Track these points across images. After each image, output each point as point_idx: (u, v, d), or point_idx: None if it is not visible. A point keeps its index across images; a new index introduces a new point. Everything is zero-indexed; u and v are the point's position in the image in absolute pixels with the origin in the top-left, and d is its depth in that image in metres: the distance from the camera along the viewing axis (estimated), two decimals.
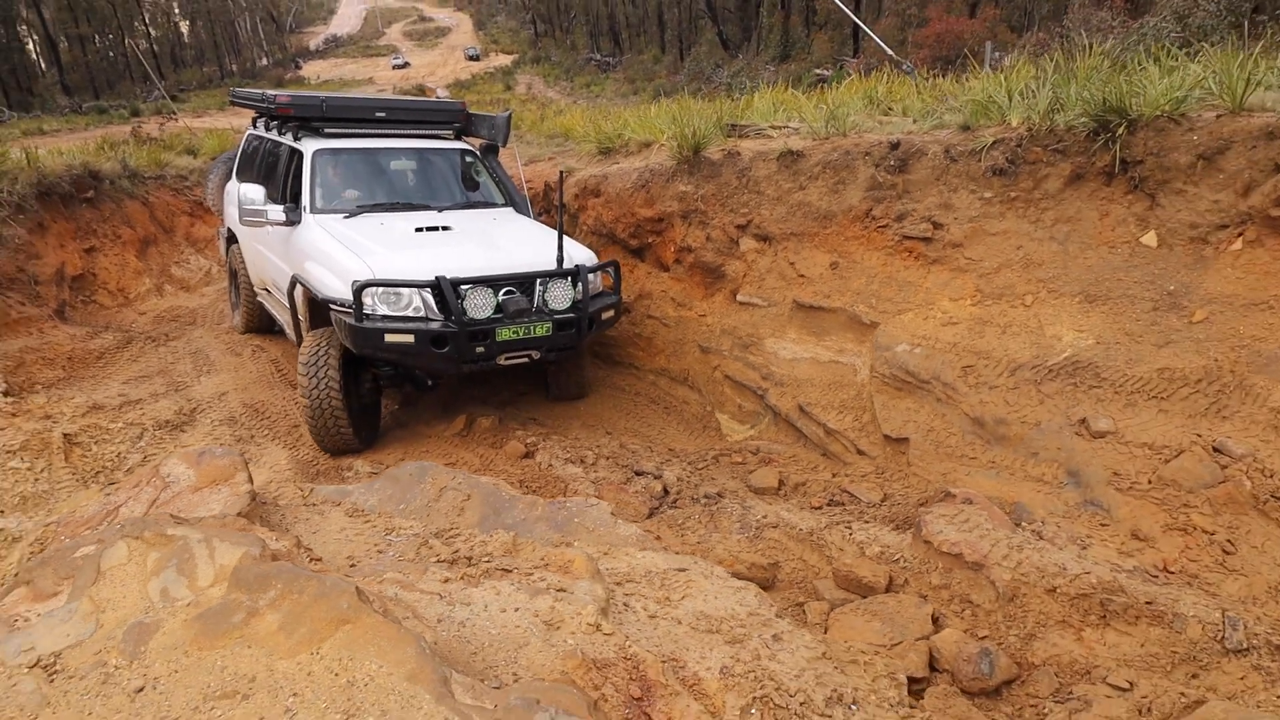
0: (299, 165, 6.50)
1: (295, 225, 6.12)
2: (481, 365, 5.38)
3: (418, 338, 5.07)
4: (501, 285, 5.32)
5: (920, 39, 21.19)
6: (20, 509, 4.70)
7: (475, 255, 5.53)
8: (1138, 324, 4.55)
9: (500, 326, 5.24)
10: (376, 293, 5.08)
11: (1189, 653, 3.01)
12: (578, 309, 5.52)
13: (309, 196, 6.24)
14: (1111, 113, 4.88)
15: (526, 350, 5.46)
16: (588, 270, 5.62)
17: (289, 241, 6.18)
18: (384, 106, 7.13)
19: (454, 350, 5.14)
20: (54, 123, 33.59)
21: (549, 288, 5.47)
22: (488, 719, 1.72)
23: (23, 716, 1.96)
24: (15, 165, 8.61)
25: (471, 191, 6.99)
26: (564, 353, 5.74)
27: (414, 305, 5.14)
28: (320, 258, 5.62)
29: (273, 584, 2.21)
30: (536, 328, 5.36)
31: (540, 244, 5.80)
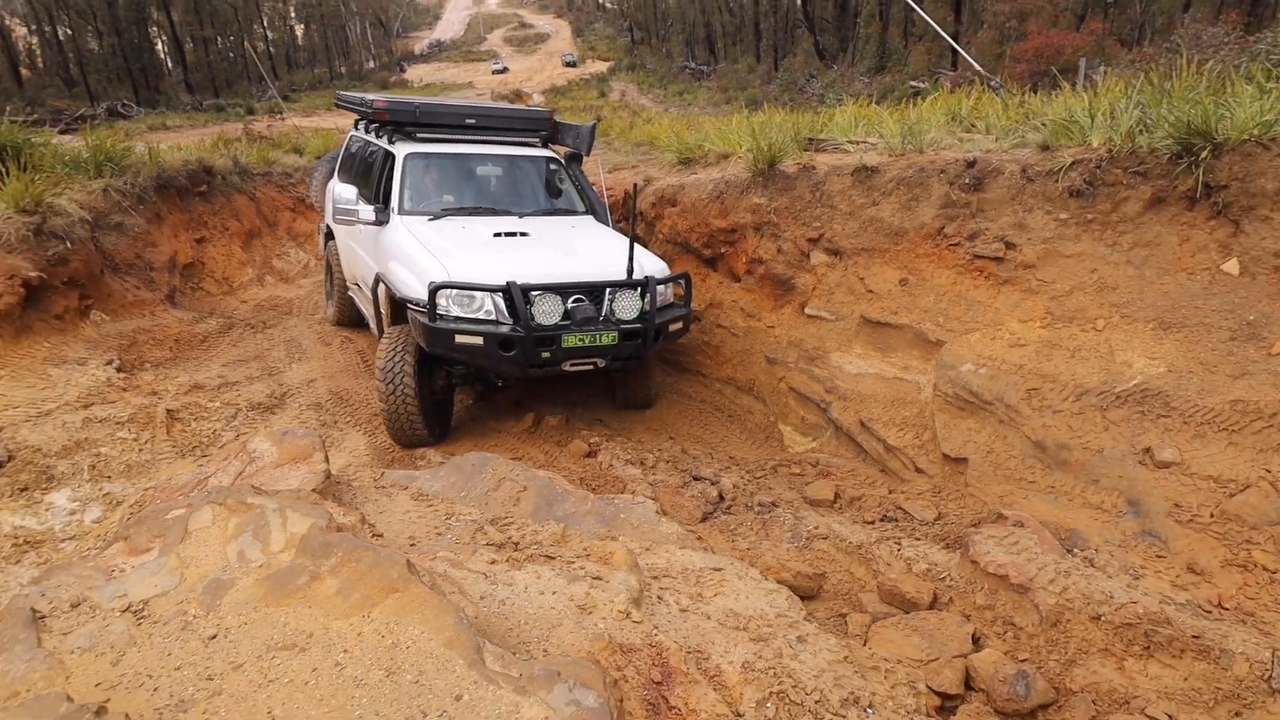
0: (391, 167, 6.76)
1: (384, 225, 6.36)
2: (547, 370, 5.48)
3: (486, 340, 5.22)
4: (570, 293, 5.44)
5: (1018, 53, 20.63)
6: (125, 476, 5.13)
7: (547, 262, 5.66)
8: (1213, 353, 4.44)
9: (567, 333, 5.34)
10: (450, 294, 5.24)
11: (1233, 690, 2.96)
12: (644, 320, 5.59)
13: (398, 198, 6.49)
14: (1196, 135, 4.77)
15: (591, 358, 5.56)
16: (657, 282, 5.68)
17: (377, 241, 6.43)
18: (474, 113, 7.35)
19: (520, 354, 5.27)
20: (176, 119, 35.70)
21: (617, 297, 5.56)
22: (512, 685, 1.88)
23: (113, 653, 2.20)
24: (139, 160, 9.29)
25: (554, 198, 7.13)
26: (629, 362, 5.81)
27: (485, 308, 5.28)
28: (402, 258, 5.82)
29: (334, 552, 2.42)
30: (602, 336, 5.45)
31: (614, 253, 5.88)
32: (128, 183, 8.64)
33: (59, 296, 6.70)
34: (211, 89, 55.60)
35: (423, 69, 73.99)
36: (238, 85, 57.35)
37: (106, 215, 8.15)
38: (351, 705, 1.88)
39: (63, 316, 6.71)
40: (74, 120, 29.34)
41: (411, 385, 5.61)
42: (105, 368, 6.37)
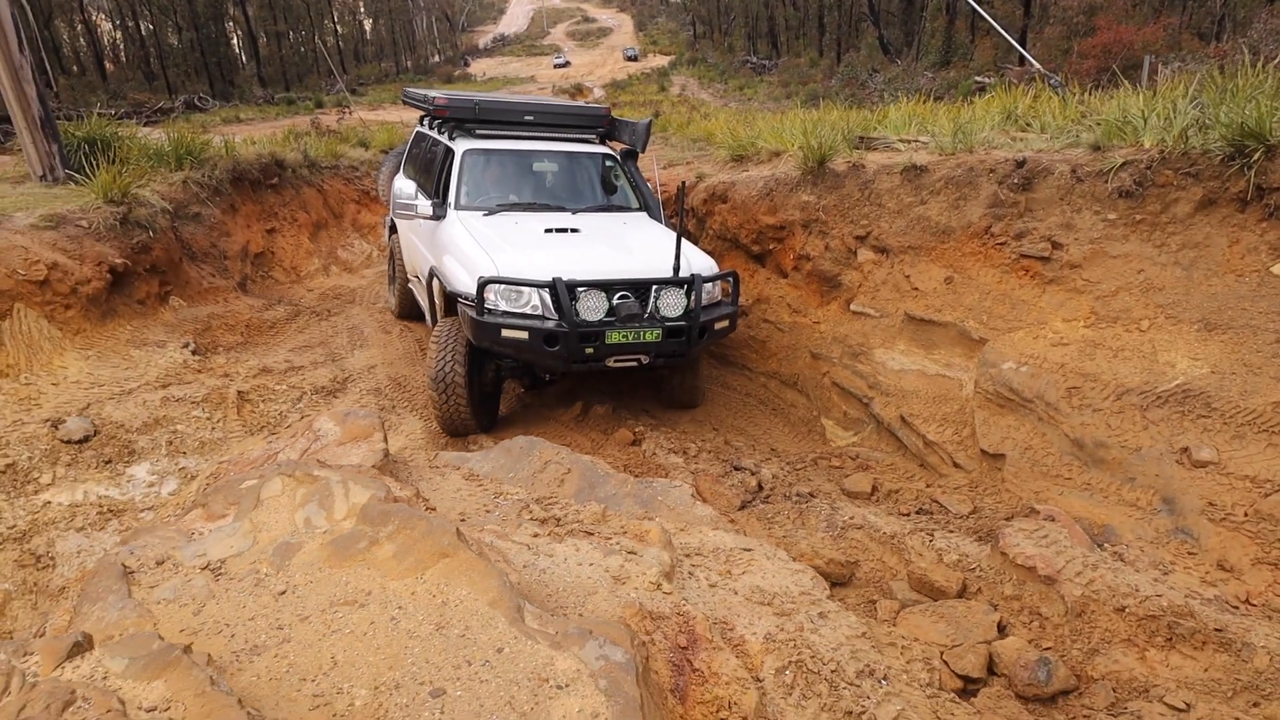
0: (451, 163, 6.93)
1: (440, 220, 6.53)
2: (590, 365, 5.56)
3: (531, 335, 5.32)
4: (616, 289, 5.50)
5: (1085, 49, 20.15)
6: (199, 452, 5.49)
7: (595, 259, 5.74)
8: (1258, 355, 4.43)
9: (611, 330, 5.41)
10: (498, 289, 5.36)
11: (1253, 681, 3.01)
12: (689, 318, 5.61)
13: (455, 193, 6.65)
14: (1249, 137, 4.75)
15: (635, 354, 5.61)
16: (703, 280, 5.71)
17: (434, 235, 6.60)
18: (532, 110, 7.46)
19: (564, 349, 5.35)
20: (249, 112, 36.86)
21: (662, 295, 5.60)
22: (547, 641, 2.08)
23: (194, 604, 2.45)
24: (216, 153, 9.76)
25: (609, 195, 7.22)
26: (673, 359, 5.83)
27: (532, 303, 5.39)
28: (456, 252, 5.97)
29: (391, 520, 2.64)
30: (646, 334, 5.50)
31: (663, 250, 5.89)
32: (205, 175, 9.11)
33: (141, 282, 7.14)
34: (283, 82, 57.19)
35: (486, 63, 74.98)
36: (308, 79, 58.87)
37: (185, 206, 8.61)
38: (405, 654, 2.09)
39: (144, 301, 7.15)
40: (154, 113, 30.57)
41: (461, 376, 5.75)
42: (182, 350, 6.77)
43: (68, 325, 6.32)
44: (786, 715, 2.25)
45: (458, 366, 5.74)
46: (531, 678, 1.98)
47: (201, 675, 1.90)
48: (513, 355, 5.67)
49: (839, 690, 2.33)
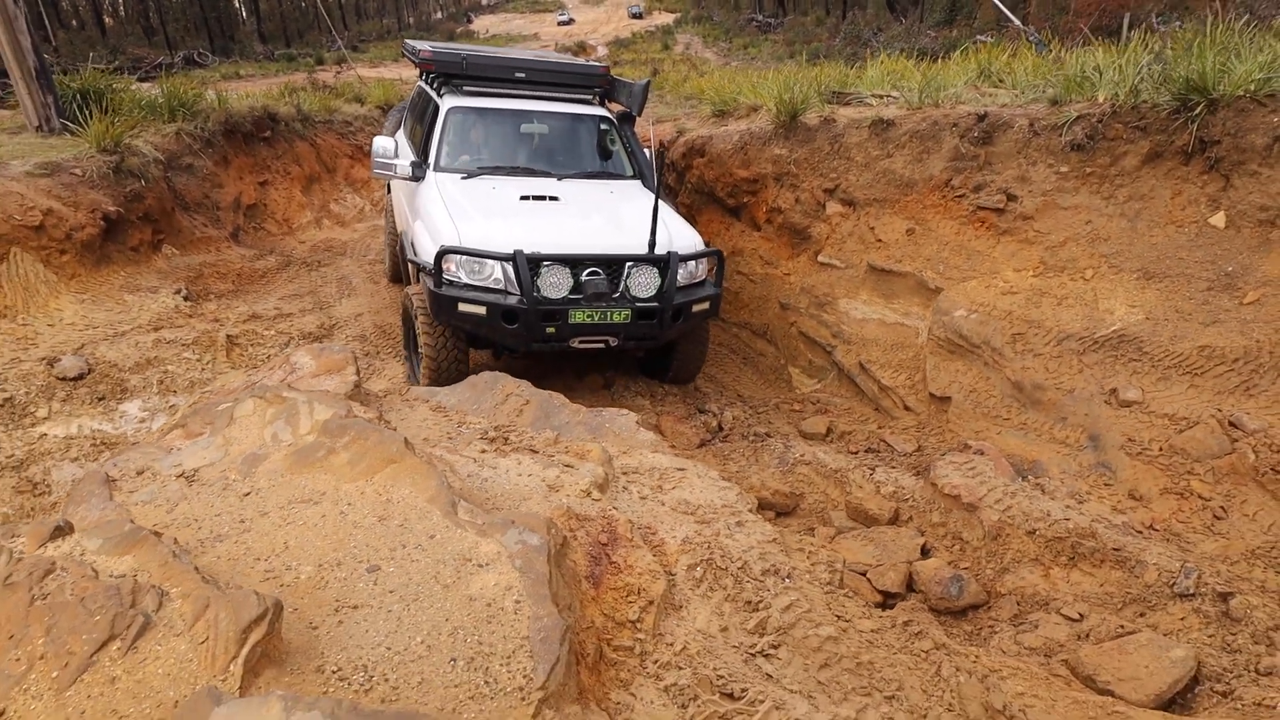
0: (434, 119, 6.58)
1: (420, 181, 6.16)
2: (553, 346, 5.25)
3: (489, 310, 5.01)
4: (585, 266, 5.17)
5: (1081, 6, 20.06)
6: (188, 390, 5.75)
7: (568, 231, 5.40)
8: (1190, 302, 4.66)
9: (575, 308, 5.08)
10: (459, 260, 5.06)
11: (1141, 594, 3.29)
12: (662, 299, 5.23)
13: (435, 153, 6.28)
14: (1193, 91, 4.92)
15: (602, 336, 5.26)
16: (680, 258, 5.28)
17: (412, 197, 6.27)
18: (524, 66, 6.99)
19: (523, 327, 5.04)
20: (249, 68, 36.64)
21: (634, 273, 5.22)
22: (475, 529, 2.35)
23: (168, 504, 2.71)
24: (209, 106, 9.92)
25: (603, 160, 6.75)
26: (644, 342, 5.49)
27: (494, 277, 5.06)
28: (425, 218, 5.67)
29: (348, 432, 2.90)
30: (614, 314, 5.15)
31: (629, 228, 5.49)
32: (198, 127, 9.28)
33: (134, 230, 7.36)
34: (284, 39, 56.68)
35: (489, 20, 74.08)
36: (309, 35, 58.31)
37: (178, 157, 8.79)
38: (348, 540, 2.36)
39: (137, 249, 7.38)
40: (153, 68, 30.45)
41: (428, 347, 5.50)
42: (174, 296, 7.01)
43: (63, 270, 6.56)
44: (692, 602, 2.52)
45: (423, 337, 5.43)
46: (457, 558, 2.24)
47: (165, 550, 2.16)
48: (473, 331, 5.35)
49: (743, 584, 2.60)
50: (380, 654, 1.89)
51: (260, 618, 1.83)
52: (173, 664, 1.76)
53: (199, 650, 1.79)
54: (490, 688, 1.83)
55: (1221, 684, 2.82)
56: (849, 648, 2.38)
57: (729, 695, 2.17)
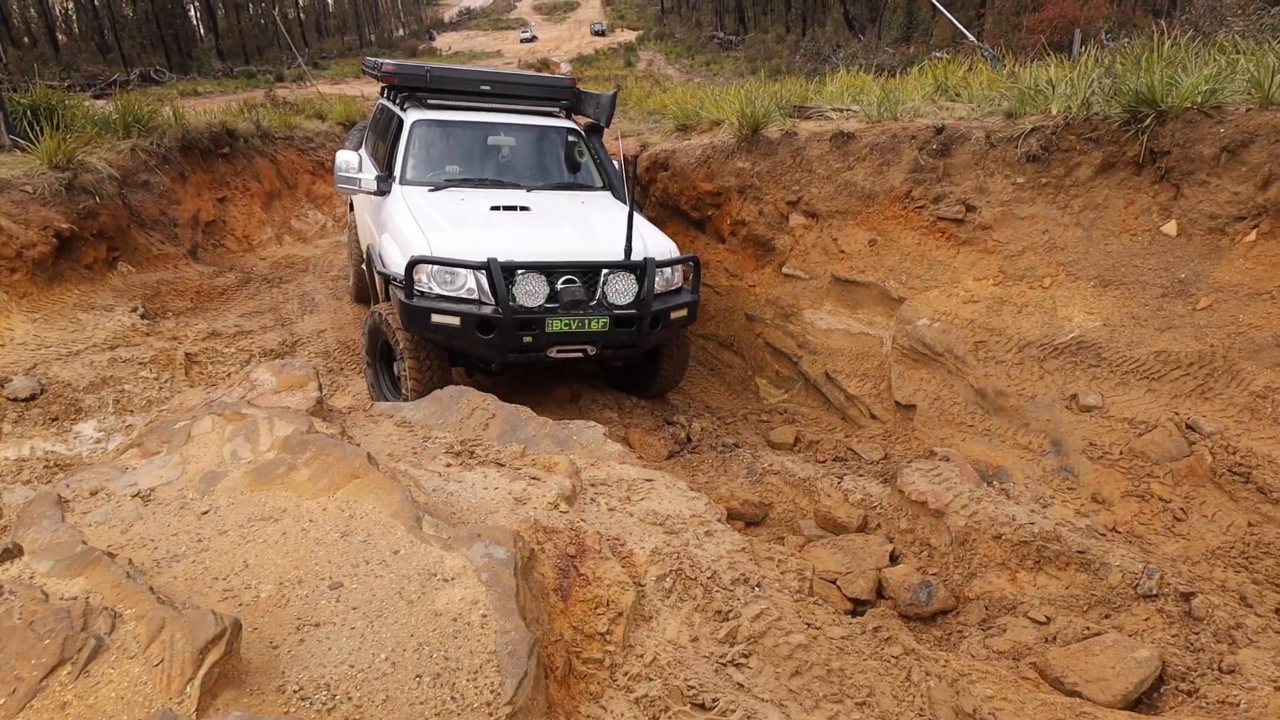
0: (398, 134, 6.49)
1: (385, 195, 6.07)
2: (530, 356, 5.10)
3: (463, 321, 4.89)
4: (561, 273, 5.07)
5: (1034, 23, 20.58)
6: (145, 410, 5.63)
7: (541, 239, 5.32)
8: (1145, 308, 4.75)
9: (552, 317, 4.97)
10: (430, 270, 4.94)
11: (1105, 595, 3.33)
12: (640, 305, 5.13)
13: (400, 166, 6.19)
14: (1143, 104, 5.04)
15: (580, 345, 5.16)
16: (657, 264, 5.22)
17: (378, 211, 6.16)
18: (489, 79, 6.93)
19: (499, 337, 4.92)
20: (207, 85, 36.26)
21: (611, 280, 5.12)
22: (440, 544, 2.31)
23: (122, 525, 2.64)
24: (165, 122, 9.75)
25: (571, 173, 6.71)
26: (622, 350, 5.33)
27: (467, 286, 4.95)
28: (393, 230, 5.56)
29: (309, 448, 2.85)
30: (591, 322, 5.04)
31: (616, 234, 5.40)
32: (154, 143, 9.11)
33: (88, 248, 7.19)
34: (243, 56, 56.17)
35: (452, 37, 74.11)
36: (269, 52, 57.84)
37: (134, 173, 8.63)
38: (310, 557, 2.31)
39: (92, 266, 7.21)
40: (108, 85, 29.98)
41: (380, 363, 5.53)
42: (130, 314, 6.87)
43: (14, 289, 6.39)
44: (661, 613, 2.50)
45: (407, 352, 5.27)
46: (421, 573, 2.20)
47: (119, 571, 2.10)
48: (446, 344, 5.23)
49: (712, 594, 2.59)
50: (343, 672, 1.85)
51: (218, 637, 1.78)
52: (126, 687, 1.71)
53: (154, 672, 1.73)
54: (457, 704, 1.79)
55: (1186, 683, 2.86)
56: (819, 655, 2.37)
57: (700, 706, 2.15)
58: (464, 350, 5.30)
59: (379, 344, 5.74)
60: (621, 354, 5.42)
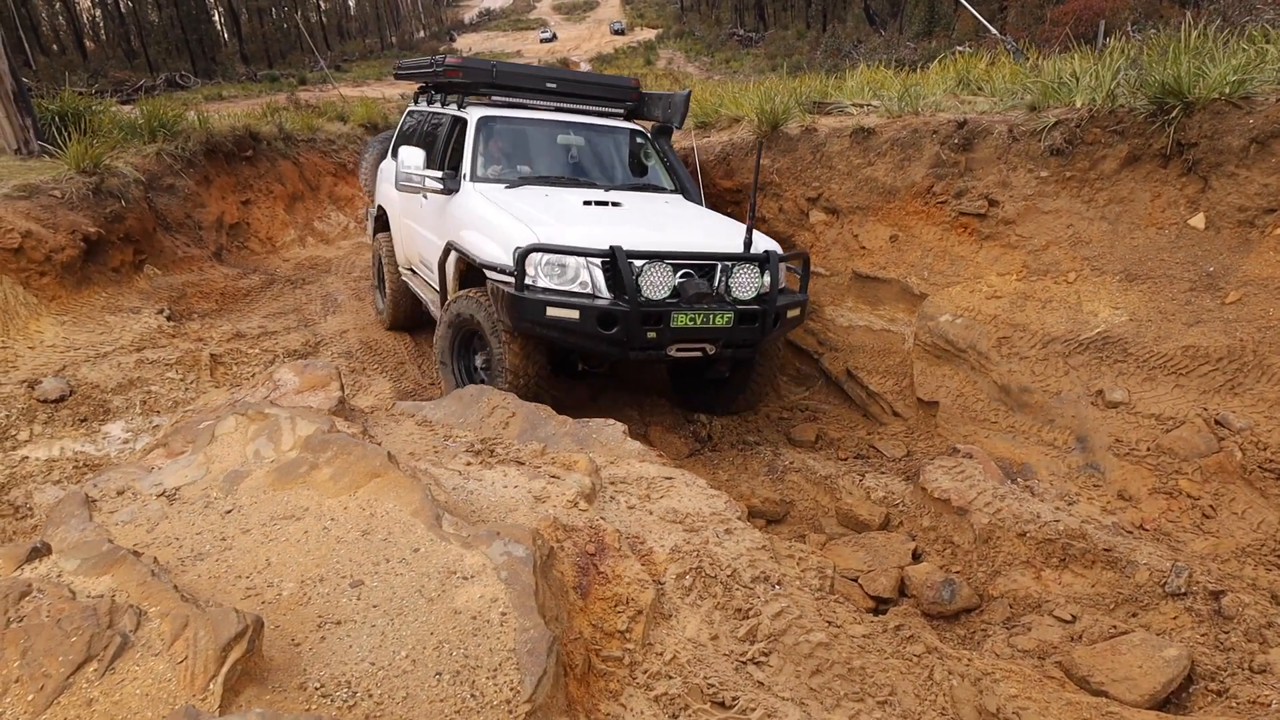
0: (461, 133, 6.19)
1: (453, 194, 5.78)
2: (650, 354, 4.75)
3: (583, 314, 4.52)
4: (680, 266, 4.76)
5: (1058, 15, 20.31)
6: (171, 410, 5.69)
7: (650, 232, 5.02)
8: (1172, 303, 4.68)
9: (677, 311, 4.63)
10: (540, 262, 4.60)
11: (1133, 594, 3.28)
12: (764, 301, 4.86)
13: (469, 164, 5.88)
14: (1169, 95, 4.96)
15: (701, 342, 4.83)
16: (779, 259, 5.01)
17: (444, 211, 5.87)
18: (554, 77, 6.77)
19: (622, 332, 4.56)
20: (232, 89, 36.63)
21: (734, 273, 4.82)
22: (460, 542, 2.31)
23: (149, 524, 2.67)
24: (189, 126, 9.88)
25: (640, 174, 6.47)
26: (742, 349, 5.03)
27: (580, 279, 4.64)
28: (479, 225, 5.25)
29: (331, 447, 2.87)
30: (716, 317, 4.71)
31: (718, 230, 5.31)
32: (179, 147, 9.24)
33: (115, 251, 7.30)
34: (266, 60, 56.69)
35: (472, 38, 74.34)
36: (291, 56, 58.34)
37: (159, 177, 8.75)
38: (331, 555, 2.33)
39: (119, 270, 7.31)
40: (135, 90, 30.41)
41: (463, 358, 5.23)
42: (157, 316, 6.95)
43: (43, 292, 6.49)
44: (681, 611, 2.49)
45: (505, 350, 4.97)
46: (441, 571, 2.21)
47: (144, 569, 2.12)
48: (557, 340, 4.82)
49: (733, 592, 2.58)
50: (364, 669, 1.86)
51: (240, 635, 1.80)
52: (151, 684, 1.73)
53: (178, 670, 1.75)
54: (477, 701, 1.79)
55: (1216, 682, 2.81)
56: (840, 654, 2.35)
57: (720, 704, 2.14)
58: (577, 347, 4.94)
59: (459, 336, 5.43)
60: (740, 354, 5.10)
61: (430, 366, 6.93)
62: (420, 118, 7.40)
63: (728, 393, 5.75)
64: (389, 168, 7.58)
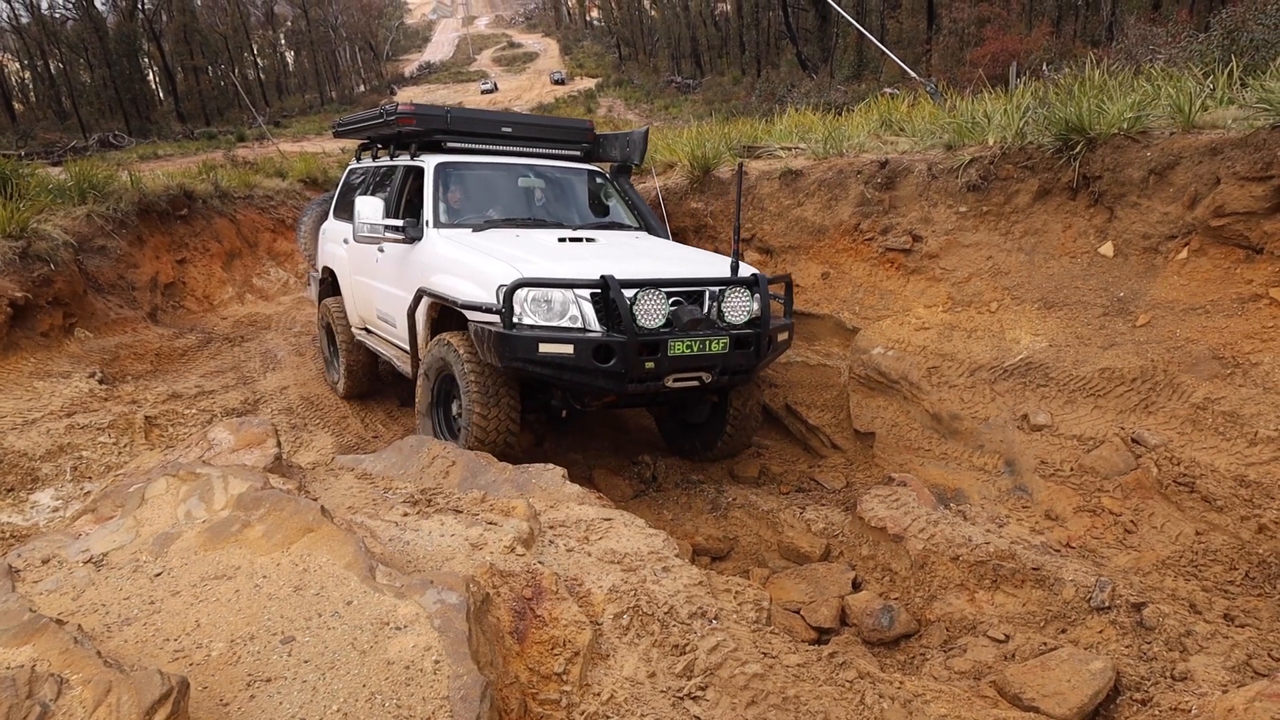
0: (415, 181, 6.09)
1: (415, 242, 5.63)
2: (649, 386, 4.56)
3: (578, 348, 4.35)
4: (670, 294, 4.62)
5: (976, 58, 21.27)
6: (103, 476, 5.56)
7: (633, 263, 4.87)
8: (1088, 328, 4.89)
9: (672, 339, 4.46)
10: (526, 298, 4.44)
11: (1061, 611, 3.39)
12: (756, 325, 4.74)
13: (431, 210, 5.71)
14: (1074, 132, 5.24)
15: (698, 370, 4.64)
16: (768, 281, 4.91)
17: (407, 261, 5.72)
18: (510, 121, 6.68)
19: (620, 364, 4.37)
20: (168, 148, 36.28)
21: (725, 298, 4.70)
22: (393, 592, 2.32)
23: (74, 591, 2.62)
24: (121, 186, 9.76)
25: (603, 214, 6.41)
26: (737, 377, 4.85)
27: (570, 314, 4.48)
28: (452, 268, 5.13)
29: (263, 504, 2.85)
30: (712, 343, 4.55)
31: (695, 259, 5.25)
32: (110, 208, 9.11)
33: (44, 315, 7.14)
34: (203, 117, 56.28)
35: (413, 91, 74.76)
36: (229, 113, 58.01)
37: (90, 239, 8.61)
38: (263, 613, 2.31)
39: (48, 334, 7.15)
40: (66, 152, 29.89)
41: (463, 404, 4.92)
42: (88, 380, 6.80)
43: None
44: (619, 650, 2.52)
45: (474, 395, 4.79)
46: (374, 622, 2.21)
47: (66, 637, 2.09)
48: (550, 379, 4.63)
49: (670, 628, 2.61)
50: None
51: (164, 697, 1.78)
52: None
53: None
54: None
55: (1140, 692, 2.91)
56: (775, 684, 2.40)
57: None
58: (571, 384, 4.69)
59: (437, 384, 5.26)
60: (735, 381, 4.92)
61: (373, 419, 6.88)
62: (364, 174, 7.22)
63: (709, 434, 5.63)
64: (334, 229, 7.40)
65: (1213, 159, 4.66)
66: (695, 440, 5.73)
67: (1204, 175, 4.69)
